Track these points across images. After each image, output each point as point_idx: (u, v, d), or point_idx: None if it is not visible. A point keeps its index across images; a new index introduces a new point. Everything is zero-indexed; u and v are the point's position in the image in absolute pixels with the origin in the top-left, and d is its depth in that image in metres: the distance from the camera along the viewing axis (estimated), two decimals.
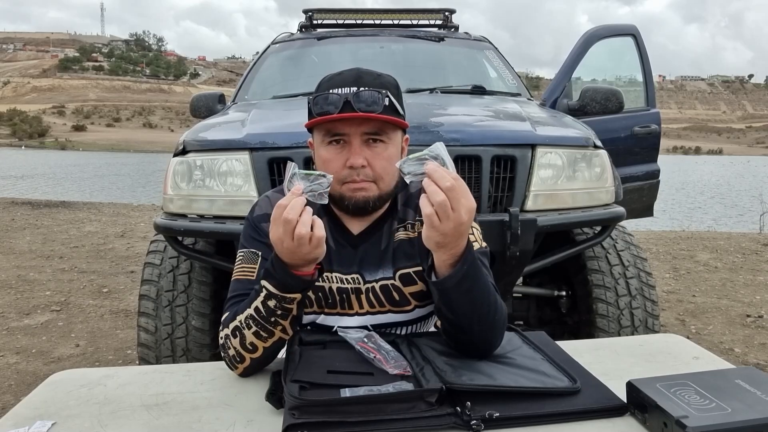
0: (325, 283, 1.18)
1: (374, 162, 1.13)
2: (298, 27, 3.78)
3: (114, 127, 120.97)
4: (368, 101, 1.09)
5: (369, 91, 1.10)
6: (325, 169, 1.12)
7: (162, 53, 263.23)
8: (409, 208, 1.23)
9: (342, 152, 1.13)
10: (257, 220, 1.20)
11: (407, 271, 1.19)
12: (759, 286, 4.61)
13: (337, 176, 1.12)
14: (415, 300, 1.20)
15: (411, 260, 1.19)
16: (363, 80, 1.12)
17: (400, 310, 1.20)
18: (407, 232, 1.21)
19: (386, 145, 1.14)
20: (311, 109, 1.12)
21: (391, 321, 1.20)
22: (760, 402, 0.83)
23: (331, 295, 1.18)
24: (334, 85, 1.12)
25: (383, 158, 1.13)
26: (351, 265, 1.19)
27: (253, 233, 1.20)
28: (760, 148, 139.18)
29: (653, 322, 2.21)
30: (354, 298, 1.19)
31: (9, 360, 3.09)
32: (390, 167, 1.14)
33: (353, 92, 1.09)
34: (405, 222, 1.22)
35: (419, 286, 1.19)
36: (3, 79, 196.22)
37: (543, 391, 0.94)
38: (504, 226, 1.87)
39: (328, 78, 1.16)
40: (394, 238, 1.20)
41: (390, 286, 1.19)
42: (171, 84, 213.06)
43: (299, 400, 0.87)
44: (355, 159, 1.11)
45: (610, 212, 2.05)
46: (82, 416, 0.93)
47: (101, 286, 4.49)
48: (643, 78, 3.37)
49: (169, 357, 2.11)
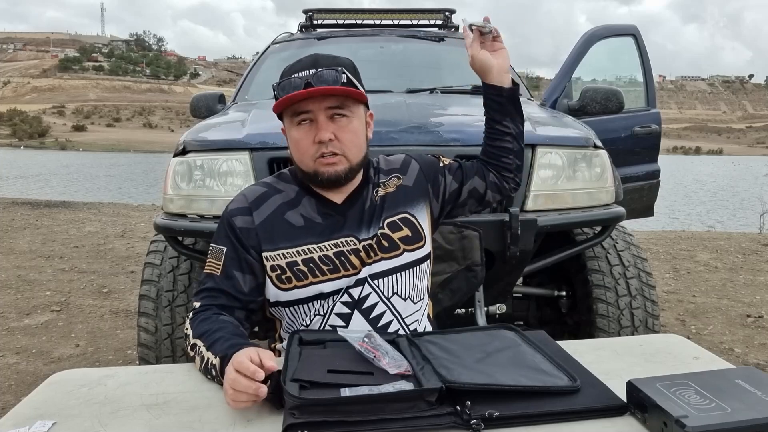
0: (314, 253, 1.25)
1: (341, 135, 1.22)
2: (298, 27, 3.78)
3: (114, 127, 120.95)
4: (327, 79, 1.19)
5: (326, 70, 1.20)
6: (297, 148, 1.25)
7: (162, 53, 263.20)
8: (379, 173, 1.37)
9: (310, 130, 1.22)
10: (229, 214, 1.29)
11: (393, 219, 1.31)
12: (759, 286, 4.61)
13: (309, 153, 1.23)
14: (404, 244, 1.31)
15: (394, 209, 1.32)
16: (320, 62, 1.22)
17: (390, 255, 1.29)
18: (386, 189, 1.34)
19: (350, 118, 1.23)
20: (277, 95, 1.22)
21: (386, 268, 1.29)
22: (760, 402, 0.83)
23: (330, 261, 1.26)
24: (294, 70, 1.23)
25: (349, 131, 1.23)
26: (342, 229, 1.28)
27: (223, 228, 1.28)
28: (761, 149, 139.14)
29: (653, 322, 2.21)
30: (354, 258, 1.27)
31: (9, 360, 3.09)
32: (356, 139, 1.25)
33: (312, 73, 1.20)
34: (377, 186, 1.35)
35: (405, 231, 1.31)
36: (3, 79, 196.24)
37: (543, 390, 0.94)
38: (504, 226, 1.87)
39: (289, 66, 1.26)
40: (375, 198, 1.32)
41: (380, 236, 1.29)
42: (171, 84, 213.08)
43: (299, 399, 0.87)
44: (323, 133, 1.20)
45: (611, 212, 2.05)
46: (82, 416, 0.93)
47: (101, 286, 4.50)
48: (643, 78, 3.37)
49: (169, 357, 2.11)
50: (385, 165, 1.40)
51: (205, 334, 1.12)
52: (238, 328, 1.16)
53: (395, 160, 1.42)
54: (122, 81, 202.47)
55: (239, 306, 1.24)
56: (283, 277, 1.25)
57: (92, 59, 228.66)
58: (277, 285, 1.26)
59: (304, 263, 1.25)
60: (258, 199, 1.30)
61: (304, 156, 1.24)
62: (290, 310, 1.29)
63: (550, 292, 2.43)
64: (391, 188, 1.35)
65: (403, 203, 1.34)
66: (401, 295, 1.30)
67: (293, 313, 1.30)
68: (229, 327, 1.14)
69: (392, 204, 1.33)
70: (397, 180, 1.37)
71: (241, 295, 1.24)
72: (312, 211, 1.28)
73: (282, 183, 1.33)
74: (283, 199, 1.30)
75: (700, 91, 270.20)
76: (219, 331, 1.11)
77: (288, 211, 1.28)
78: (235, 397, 0.93)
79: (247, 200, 1.30)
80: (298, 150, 1.25)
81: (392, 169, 1.39)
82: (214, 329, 1.12)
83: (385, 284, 1.29)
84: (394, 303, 1.29)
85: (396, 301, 1.29)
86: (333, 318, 1.27)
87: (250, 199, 1.30)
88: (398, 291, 1.30)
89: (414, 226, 1.33)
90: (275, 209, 1.28)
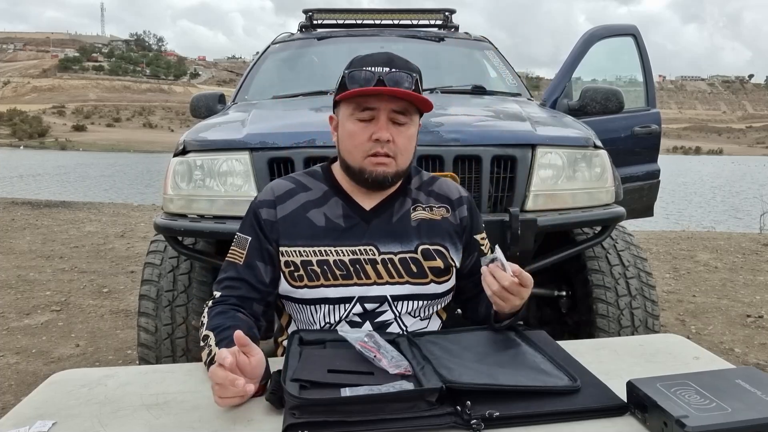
0: (330, 256, 1.24)
1: (397, 138, 1.21)
2: (298, 27, 3.78)
3: (114, 127, 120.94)
4: (400, 81, 1.18)
5: (401, 72, 1.20)
6: (350, 141, 1.23)
7: (162, 53, 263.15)
8: (421, 191, 1.34)
9: (369, 126, 1.21)
10: (256, 206, 1.30)
11: (427, 247, 1.28)
12: (759, 286, 4.61)
13: (362, 148, 1.21)
14: (432, 275, 1.28)
15: (432, 238, 1.29)
16: (395, 62, 1.21)
17: (417, 282, 1.27)
18: (430, 214, 1.31)
19: (408, 125, 1.23)
20: (345, 83, 1.21)
21: (409, 293, 1.27)
22: (760, 402, 0.83)
23: (344, 266, 1.24)
24: (367, 63, 1.21)
25: (405, 136, 1.22)
26: (362, 237, 1.26)
27: (249, 218, 1.29)
28: (761, 148, 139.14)
29: (653, 322, 2.21)
30: (370, 268, 1.25)
31: (9, 360, 3.09)
32: (409, 146, 1.24)
33: (386, 71, 1.19)
34: (417, 203, 1.31)
35: (438, 262, 1.28)
36: (3, 79, 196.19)
37: (543, 390, 0.94)
38: (504, 226, 1.87)
39: (360, 57, 1.24)
40: (412, 215, 1.30)
41: (409, 259, 1.26)
42: (171, 84, 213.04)
43: (299, 399, 0.87)
44: (383, 133, 1.19)
45: (610, 212, 2.05)
46: (82, 416, 0.93)
47: (101, 286, 4.49)
48: (643, 78, 3.37)
49: (169, 357, 2.11)
50: (437, 188, 1.36)
51: (217, 328, 1.12)
52: (251, 330, 1.15)
53: (451, 189, 1.37)
54: (122, 81, 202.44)
55: (258, 297, 1.24)
56: (295, 274, 1.25)
57: (92, 59, 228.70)
58: (288, 281, 1.26)
59: (318, 264, 1.24)
60: (284, 194, 1.30)
61: (356, 150, 1.22)
62: (297, 307, 1.29)
63: (550, 292, 2.43)
64: (436, 216, 1.31)
65: (441, 236, 1.30)
66: (413, 315, 1.30)
67: (299, 312, 1.30)
68: (243, 327, 1.12)
69: (431, 232, 1.29)
70: (445, 212, 1.33)
71: (262, 286, 1.24)
72: (337, 213, 1.27)
73: (311, 180, 1.33)
74: (309, 197, 1.29)
75: (700, 91, 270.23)
76: (230, 329, 1.09)
77: (312, 209, 1.28)
78: (221, 393, 0.92)
79: (273, 193, 1.30)
80: (352, 142, 1.22)
81: (444, 197, 1.35)
82: (227, 326, 1.11)
83: (403, 306, 1.28)
84: (404, 320, 1.29)
85: (406, 318, 1.29)
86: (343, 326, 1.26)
87: (277, 193, 1.30)
88: (412, 312, 1.29)
89: (446, 259, 1.30)
90: (299, 206, 1.28)
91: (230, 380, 0.90)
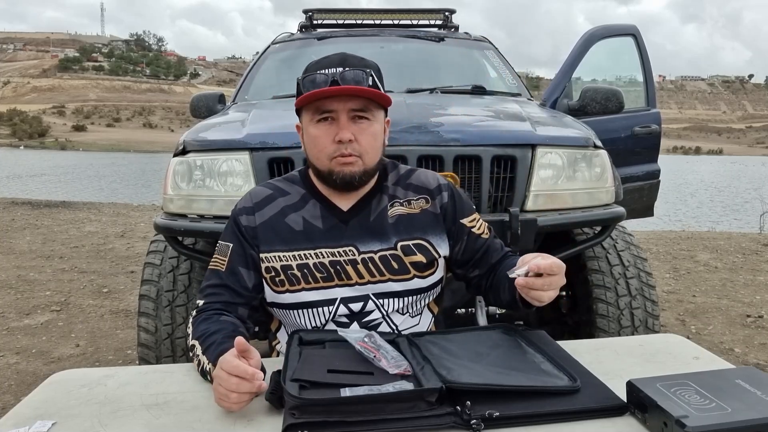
0: (309, 259, 1.24)
1: (360, 137, 1.20)
2: (298, 27, 3.78)
3: (114, 127, 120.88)
4: (354, 79, 1.18)
5: (354, 71, 1.19)
6: (314, 146, 1.22)
7: (162, 53, 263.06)
8: (398, 186, 1.32)
9: (330, 128, 1.20)
10: (236, 213, 1.30)
11: (407, 243, 1.27)
12: (759, 286, 4.61)
13: (326, 152, 1.21)
14: (415, 269, 1.27)
15: (411, 233, 1.28)
16: (348, 62, 1.21)
17: (399, 278, 1.26)
18: (408, 209, 1.29)
19: (371, 122, 1.22)
20: (300, 90, 1.20)
21: (391, 290, 1.26)
22: (760, 402, 0.83)
23: (324, 269, 1.24)
24: (321, 66, 1.21)
25: (369, 134, 1.21)
26: (341, 238, 1.25)
27: (230, 225, 1.30)
28: (761, 149, 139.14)
29: (653, 322, 2.21)
30: (351, 269, 1.24)
31: (9, 360, 3.09)
32: (375, 143, 1.23)
33: (339, 72, 1.18)
34: (395, 199, 1.30)
35: (418, 257, 1.27)
36: (3, 79, 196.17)
37: (543, 390, 0.94)
38: (504, 226, 1.87)
39: (315, 62, 1.24)
40: (389, 212, 1.28)
41: (389, 256, 1.25)
42: (171, 84, 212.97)
43: (299, 399, 0.87)
44: (344, 133, 1.18)
45: (610, 212, 2.05)
46: (82, 416, 0.93)
47: (101, 286, 4.49)
48: (643, 78, 3.37)
49: (169, 357, 2.11)
50: (415, 179, 1.33)
51: (202, 336, 1.12)
52: (237, 329, 1.15)
53: (429, 178, 1.34)
54: (122, 81, 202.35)
55: (242, 302, 1.24)
56: (276, 279, 1.25)
57: (92, 59, 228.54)
58: (271, 287, 1.26)
59: (298, 268, 1.24)
60: (262, 200, 1.30)
61: (321, 154, 1.22)
62: (282, 312, 1.29)
63: None
64: (414, 210, 1.29)
65: (421, 229, 1.28)
66: (401, 312, 1.29)
67: (285, 316, 1.30)
68: (228, 328, 1.13)
69: (410, 227, 1.27)
70: (425, 203, 1.30)
71: (245, 291, 1.24)
72: (315, 215, 1.27)
73: (289, 185, 1.33)
74: (287, 202, 1.29)
75: (700, 91, 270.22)
76: (216, 334, 1.10)
77: (291, 213, 1.28)
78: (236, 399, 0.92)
79: (252, 200, 1.31)
80: (316, 147, 1.22)
81: (422, 188, 1.32)
82: (212, 331, 1.12)
83: (389, 304, 1.27)
84: (393, 318, 1.29)
85: (395, 316, 1.29)
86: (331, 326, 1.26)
87: (255, 200, 1.30)
88: (400, 309, 1.29)
89: (429, 252, 1.28)
90: (278, 211, 1.28)
91: (250, 374, 0.91)
